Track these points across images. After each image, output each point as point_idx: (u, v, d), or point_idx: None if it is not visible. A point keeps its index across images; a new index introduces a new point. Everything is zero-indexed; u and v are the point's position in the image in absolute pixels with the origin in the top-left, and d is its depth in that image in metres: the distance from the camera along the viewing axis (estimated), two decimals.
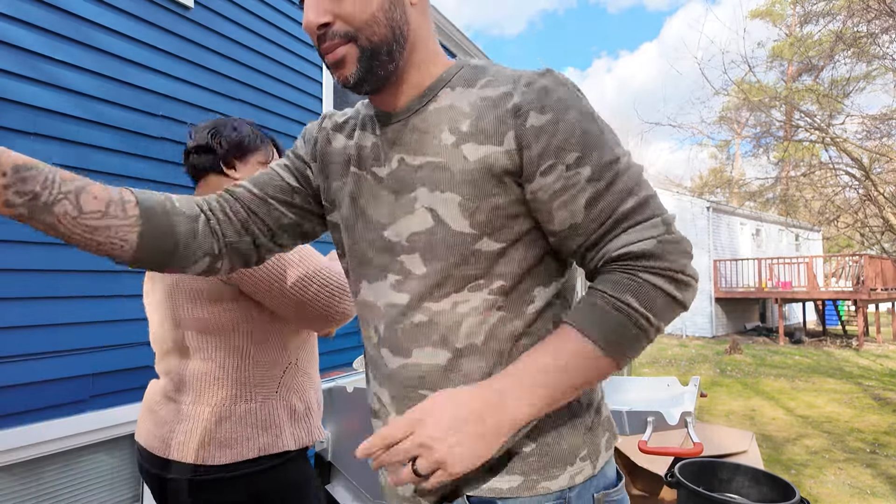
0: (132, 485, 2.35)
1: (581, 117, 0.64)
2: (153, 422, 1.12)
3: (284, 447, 1.09)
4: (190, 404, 1.08)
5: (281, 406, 1.11)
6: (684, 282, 0.64)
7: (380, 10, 0.64)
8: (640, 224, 0.64)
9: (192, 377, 1.09)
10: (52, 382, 2.03)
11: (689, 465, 2.59)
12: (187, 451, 1.05)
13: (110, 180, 2.31)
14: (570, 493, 0.67)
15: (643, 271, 0.62)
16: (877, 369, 8.45)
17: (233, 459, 1.05)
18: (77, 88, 2.15)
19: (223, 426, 1.06)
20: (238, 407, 1.07)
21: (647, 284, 0.62)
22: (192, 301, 1.08)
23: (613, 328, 0.61)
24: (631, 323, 0.62)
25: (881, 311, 15.83)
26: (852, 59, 6.94)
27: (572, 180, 0.63)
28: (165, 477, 1.08)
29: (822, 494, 3.57)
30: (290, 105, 3.27)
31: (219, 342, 1.08)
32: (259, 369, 1.10)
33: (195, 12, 2.67)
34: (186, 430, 1.06)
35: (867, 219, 7.34)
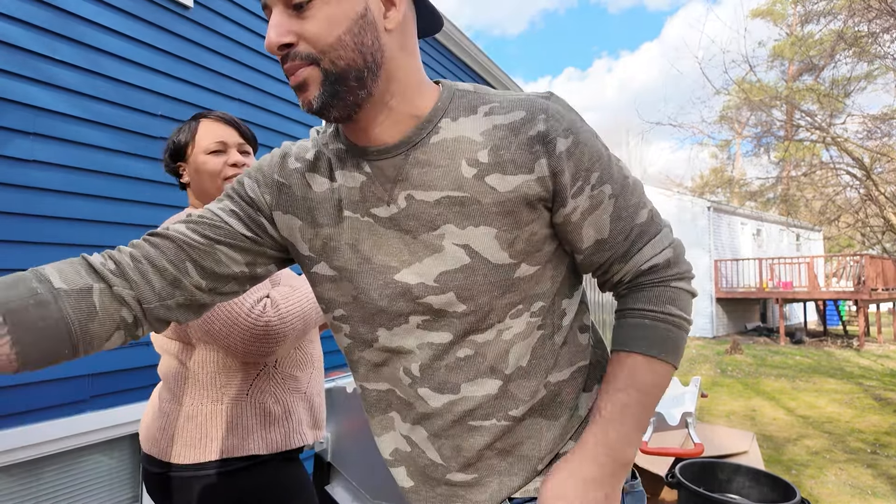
0: (132, 485, 2.35)
1: (591, 137, 0.67)
2: (145, 418, 1.18)
3: (251, 451, 1.07)
4: (167, 402, 1.11)
5: (251, 409, 1.09)
6: (692, 277, 0.73)
7: (347, 34, 0.59)
8: (657, 235, 0.71)
9: (169, 376, 1.12)
10: (52, 382, 2.02)
11: (690, 465, 2.58)
12: (161, 447, 1.08)
13: (110, 180, 2.32)
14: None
15: (673, 279, 0.71)
16: (878, 369, 8.44)
17: (196, 459, 1.04)
18: (77, 88, 2.15)
19: (189, 425, 1.07)
20: (204, 407, 1.07)
21: (679, 290, 0.71)
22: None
23: (671, 340, 0.69)
24: (678, 329, 0.70)
25: (882, 312, 15.82)
26: (853, 59, 6.93)
27: (598, 198, 0.67)
28: (149, 470, 1.11)
29: (823, 495, 3.57)
30: (290, 105, 3.27)
31: (192, 342, 1.08)
32: (226, 371, 1.08)
33: (195, 12, 2.67)
34: (161, 427, 1.10)
35: (868, 218, 7.33)
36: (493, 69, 5.85)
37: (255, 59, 3.01)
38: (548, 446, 0.72)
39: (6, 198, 1.93)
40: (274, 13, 0.60)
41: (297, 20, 0.59)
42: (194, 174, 1.16)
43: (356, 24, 0.60)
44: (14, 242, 1.94)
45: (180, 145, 1.17)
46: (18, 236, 1.95)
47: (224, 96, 2.81)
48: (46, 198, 2.04)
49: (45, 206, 2.03)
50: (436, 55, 5.01)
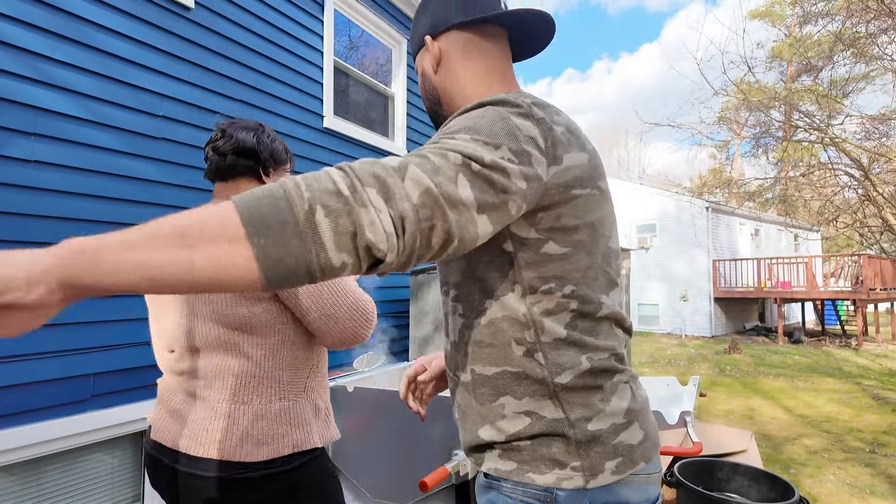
0: (133, 484, 2.36)
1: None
2: (178, 421, 1.12)
3: (314, 444, 1.13)
4: (223, 402, 1.09)
5: (308, 405, 1.15)
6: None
7: (422, 90, 0.94)
8: None
9: (226, 375, 1.10)
10: (52, 382, 2.03)
11: (689, 464, 2.59)
12: (225, 448, 1.06)
13: (111, 180, 2.32)
14: (558, 493, 0.75)
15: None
16: (876, 369, 8.46)
17: (269, 456, 1.07)
18: (77, 88, 2.16)
19: (259, 424, 1.08)
20: (273, 405, 1.10)
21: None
22: (236, 299, 1.09)
23: (259, 194, 0.56)
24: (276, 189, 0.56)
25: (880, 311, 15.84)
26: (851, 60, 6.95)
27: None
28: (197, 474, 1.07)
29: (822, 494, 3.58)
30: (290, 105, 3.27)
31: (257, 341, 1.10)
32: (290, 369, 1.13)
33: (195, 13, 2.68)
34: (222, 428, 1.07)
35: (866, 219, 7.35)
36: None
37: (255, 59, 3.02)
38: (473, 426, 0.82)
39: (6, 198, 1.93)
40: None
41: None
42: None
43: (422, 83, 0.93)
44: (14, 242, 1.95)
45: (281, 156, 1.25)
46: (18, 236, 1.96)
47: (225, 97, 2.81)
48: (47, 198, 2.05)
49: (45, 206, 2.04)
50: None
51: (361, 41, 4.17)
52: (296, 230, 0.51)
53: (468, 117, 0.69)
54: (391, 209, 0.55)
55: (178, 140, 2.55)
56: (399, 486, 2.04)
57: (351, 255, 0.54)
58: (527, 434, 0.77)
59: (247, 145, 1.20)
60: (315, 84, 3.51)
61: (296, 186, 0.53)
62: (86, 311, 2.15)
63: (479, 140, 0.65)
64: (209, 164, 1.24)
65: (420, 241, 0.58)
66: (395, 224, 0.55)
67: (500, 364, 0.78)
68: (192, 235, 0.50)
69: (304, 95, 3.39)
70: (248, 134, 1.22)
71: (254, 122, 1.27)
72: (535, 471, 0.76)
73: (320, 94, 3.55)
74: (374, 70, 4.29)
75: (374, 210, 0.54)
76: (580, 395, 0.76)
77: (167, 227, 0.51)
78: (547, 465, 0.76)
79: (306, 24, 3.45)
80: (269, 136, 1.25)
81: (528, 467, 0.77)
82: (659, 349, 11.07)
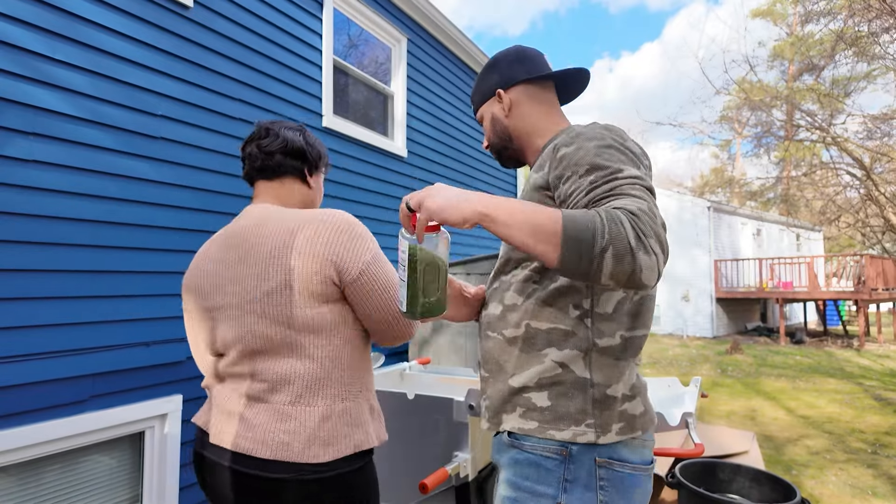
0: (132, 485, 2.35)
1: (594, 145, 0.91)
2: (239, 424, 1.11)
3: (371, 444, 1.14)
4: (288, 405, 1.08)
5: (365, 405, 1.16)
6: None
7: (491, 132, 1.19)
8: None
9: (291, 377, 1.09)
10: (52, 382, 2.02)
11: (690, 465, 2.58)
12: (293, 450, 1.05)
13: (110, 180, 2.31)
14: (572, 447, 0.93)
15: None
16: (878, 369, 8.43)
17: (333, 457, 1.07)
18: (77, 88, 2.15)
19: (325, 425, 1.08)
20: (337, 406, 1.10)
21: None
22: (304, 300, 1.08)
23: (580, 222, 0.78)
24: (591, 221, 0.78)
25: (882, 312, 15.81)
26: (853, 59, 6.93)
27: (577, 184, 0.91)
28: (260, 476, 1.07)
29: (824, 495, 3.56)
30: (289, 104, 3.27)
31: (321, 342, 1.10)
32: (350, 370, 1.14)
33: (195, 12, 2.67)
34: (289, 430, 1.07)
35: (868, 218, 7.33)
36: None
37: (254, 58, 3.01)
38: (506, 377, 1.01)
39: (6, 198, 1.93)
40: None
41: (487, 132, 1.21)
42: (316, 186, 1.32)
43: (492, 126, 1.18)
44: (14, 242, 1.94)
45: (320, 158, 1.31)
46: (18, 236, 1.95)
47: (224, 96, 2.80)
48: (46, 198, 2.04)
49: (45, 206, 2.03)
50: (438, 57, 5.01)
51: (361, 40, 4.17)
52: (589, 257, 0.75)
53: (602, 148, 0.89)
54: (662, 250, 0.77)
55: (177, 139, 2.55)
56: (399, 488, 2.04)
57: (619, 283, 0.76)
58: (556, 380, 0.95)
59: (296, 145, 1.23)
60: (314, 83, 3.50)
61: (602, 226, 0.74)
62: (85, 311, 2.15)
63: (631, 166, 0.88)
64: (252, 162, 1.24)
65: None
66: (664, 258, 0.78)
67: (555, 322, 0.97)
68: (535, 232, 0.78)
69: (303, 94, 3.38)
70: (295, 134, 1.25)
71: (295, 123, 1.30)
72: (555, 428, 0.94)
73: (319, 93, 3.54)
74: (374, 69, 4.28)
75: (654, 256, 0.75)
76: (606, 362, 0.96)
77: (529, 218, 0.78)
78: (565, 422, 0.94)
79: (305, 22, 3.44)
80: (312, 137, 1.29)
81: (549, 425, 0.94)
82: (660, 350, 11.06)
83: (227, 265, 1.16)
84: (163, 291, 2.44)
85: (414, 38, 4.65)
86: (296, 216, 1.13)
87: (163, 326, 2.43)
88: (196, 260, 1.26)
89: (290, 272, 1.07)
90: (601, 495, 0.92)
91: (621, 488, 0.93)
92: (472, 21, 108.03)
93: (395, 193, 4.26)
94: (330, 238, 1.09)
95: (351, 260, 1.09)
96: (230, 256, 1.16)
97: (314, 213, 1.13)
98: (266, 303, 1.09)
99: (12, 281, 1.93)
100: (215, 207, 2.72)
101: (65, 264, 2.09)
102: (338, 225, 1.11)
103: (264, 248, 1.11)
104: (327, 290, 1.09)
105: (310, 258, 1.07)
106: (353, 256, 1.10)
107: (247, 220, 1.18)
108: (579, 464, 0.92)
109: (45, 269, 2.03)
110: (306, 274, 1.07)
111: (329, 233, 1.10)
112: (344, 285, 1.10)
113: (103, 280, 2.21)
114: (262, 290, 1.09)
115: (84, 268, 2.15)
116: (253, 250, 1.12)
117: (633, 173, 0.84)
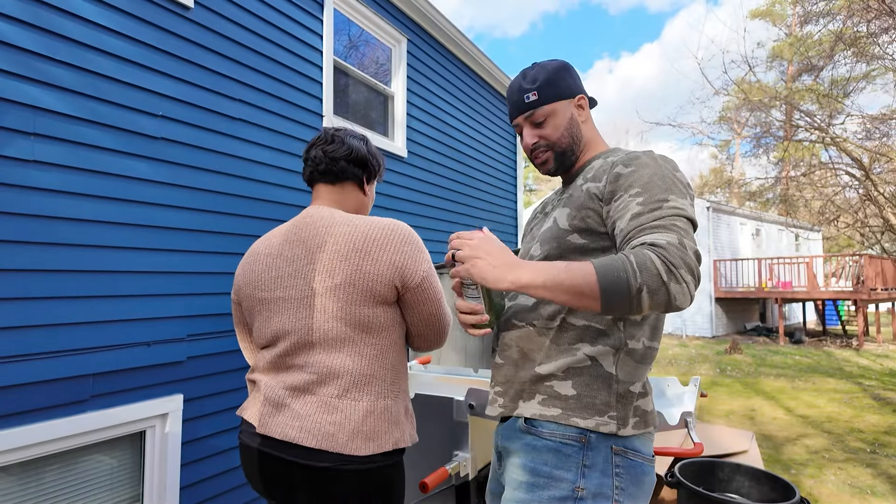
0: (132, 485, 2.35)
1: (652, 171, 0.99)
2: (287, 414, 1.16)
3: (406, 442, 1.21)
4: (335, 398, 1.15)
5: (402, 406, 1.24)
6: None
7: (566, 131, 1.15)
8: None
9: (341, 372, 1.16)
10: (52, 382, 2.03)
11: (690, 465, 2.59)
12: (338, 441, 1.12)
13: (110, 180, 2.32)
14: (591, 435, 1.00)
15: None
16: (877, 369, 8.44)
17: (375, 451, 1.14)
18: (77, 89, 2.15)
19: (369, 420, 1.15)
20: (380, 403, 1.18)
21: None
22: (363, 298, 1.16)
23: (611, 272, 0.86)
24: (622, 268, 0.86)
25: (881, 311, 15.82)
26: (852, 59, 6.94)
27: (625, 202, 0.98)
28: (305, 464, 1.13)
29: (823, 494, 3.57)
30: (290, 104, 3.27)
31: (372, 340, 1.18)
32: (393, 370, 1.22)
33: (195, 12, 2.67)
34: (335, 422, 1.13)
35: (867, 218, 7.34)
36: (494, 71, 5.86)
37: (255, 59, 3.01)
38: (532, 365, 1.07)
39: (6, 198, 1.93)
40: (525, 130, 1.18)
41: (538, 129, 1.16)
42: (370, 194, 1.42)
43: (567, 123, 1.16)
44: (14, 242, 1.94)
45: (380, 168, 1.42)
46: (18, 236, 1.95)
47: (224, 96, 2.81)
48: (46, 198, 2.04)
49: (45, 206, 2.04)
50: (438, 58, 5.01)
51: (361, 40, 4.17)
52: (628, 299, 0.83)
53: (657, 176, 0.97)
54: (693, 278, 0.84)
55: (177, 140, 2.55)
56: None
57: (659, 310, 0.85)
58: (584, 372, 1.02)
59: (360, 154, 1.33)
60: (314, 83, 3.51)
61: (634, 271, 0.83)
62: (85, 311, 2.15)
63: (679, 197, 0.95)
64: (315, 165, 1.32)
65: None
66: (696, 284, 0.85)
67: (590, 321, 1.03)
68: (575, 294, 0.87)
69: (303, 95, 3.39)
70: (359, 143, 1.35)
71: (358, 132, 1.39)
72: (579, 416, 1.00)
73: (320, 94, 3.55)
74: (374, 69, 4.29)
75: (685, 284, 0.83)
76: (631, 362, 1.03)
77: (567, 282, 0.87)
78: (589, 412, 1.00)
79: (306, 23, 3.44)
80: (374, 148, 1.40)
81: (573, 413, 1.01)
82: (660, 349, 11.05)
83: (289, 260, 1.23)
84: (163, 291, 2.44)
85: (414, 39, 4.66)
86: (365, 221, 1.22)
87: (164, 326, 2.43)
88: (253, 254, 1.32)
89: (356, 272, 1.16)
90: (616, 481, 0.98)
91: (634, 476, 1.00)
92: (473, 22, 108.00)
93: (395, 194, 4.27)
94: (398, 246, 1.19)
95: (414, 268, 1.19)
96: (295, 252, 1.23)
97: (382, 221, 1.23)
98: (328, 297, 1.16)
99: (12, 281, 1.93)
100: (215, 208, 2.72)
101: (65, 264, 2.09)
102: (406, 235, 1.22)
103: (334, 247, 1.18)
104: (388, 293, 1.18)
105: (378, 262, 1.16)
106: (416, 265, 1.20)
107: (313, 220, 1.25)
108: (597, 451, 0.99)
109: (46, 269, 2.03)
110: (372, 275, 1.16)
111: (398, 241, 1.20)
112: (405, 290, 1.20)
113: (103, 280, 2.22)
114: (325, 286, 1.17)
115: (84, 268, 2.15)
116: (321, 249, 1.20)
117: (678, 204, 0.93)
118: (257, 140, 2.99)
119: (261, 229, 2.96)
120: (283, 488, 1.18)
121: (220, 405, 2.71)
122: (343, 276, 1.16)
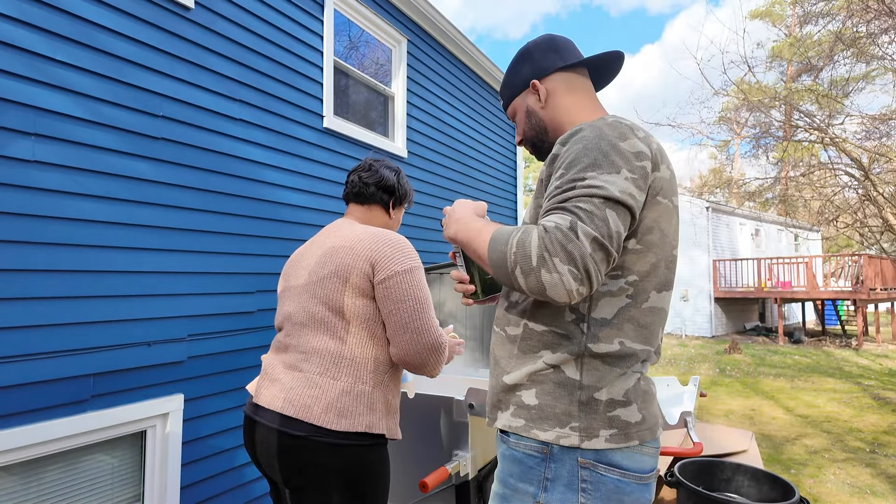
0: (133, 484, 2.36)
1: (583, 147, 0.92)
2: (278, 387, 1.33)
3: (381, 430, 1.31)
4: (317, 375, 1.30)
5: (381, 397, 1.33)
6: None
7: (527, 124, 1.15)
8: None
9: (323, 352, 1.31)
10: (52, 382, 2.03)
11: (689, 464, 2.59)
12: (313, 413, 1.25)
13: (110, 180, 2.32)
14: (553, 448, 0.92)
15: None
16: (876, 369, 8.45)
17: (346, 428, 1.25)
18: (77, 88, 2.16)
19: (343, 399, 1.27)
20: (356, 387, 1.30)
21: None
22: (346, 290, 1.32)
23: (497, 245, 0.89)
24: (506, 243, 0.87)
25: (880, 311, 15.83)
26: (852, 60, 6.94)
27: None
28: (288, 432, 1.26)
29: (822, 494, 3.57)
30: (290, 105, 3.27)
31: (353, 329, 1.32)
32: (375, 362, 1.33)
33: (196, 13, 2.68)
34: (313, 396, 1.27)
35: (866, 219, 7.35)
36: (494, 72, 5.86)
37: (255, 59, 3.02)
38: (502, 373, 1.02)
39: (6, 198, 1.93)
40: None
41: (520, 128, 1.18)
42: (395, 217, 1.62)
43: (527, 118, 1.15)
44: (14, 242, 1.95)
45: (405, 196, 1.62)
46: (18, 236, 1.96)
47: (224, 97, 2.81)
48: (47, 198, 2.05)
49: (45, 207, 2.04)
50: (438, 58, 5.02)
51: (361, 41, 4.17)
52: (507, 276, 0.85)
53: (584, 151, 0.89)
54: (573, 268, 0.79)
55: (178, 140, 2.55)
56: (399, 486, 2.04)
57: (540, 296, 0.82)
58: (545, 379, 0.95)
59: (389, 183, 1.56)
60: (315, 84, 3.51)
61: (511, 249, 0.84)
62: (85, 311, 2.15)
63: (604, 173, 0.86)
64: (352, 188, 1.57)
65: (599, 274, 0.81)
66: (580, 276, 0.79)
67: (550, 324, 0.96)
68: (478, 256, 0.95)
69: (303, 95, 3.39)
70: (390, 174, 1.57)
71: (394, 164, 1.61)
72: (539, 427, 0.93)
73: (320, 94, 3.55)
74: (374, 70, 4.29)
75: (557, 274, 0.79)
76: (600, 367, 0.93)
77: (475, 243, 0.96)
78: (549, 423, 0.93)
79: (306, 24, 3.45)
80: (404, 179, 1.61)
81: (534, 424, 0.94)
82: None
83: (305, 256, 1.47)
84: (164, 291, 2.45)
85: (414, 40, 4.66)
86: (364, 228, 1.41)
87: (164, 326, 2.44)
88: (293, 253, 1.57)
89: (340, 264, 1.34)
90: (583, 497, 0.90)
91: (607, 493, 0.90)
92: (474, 23, 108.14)
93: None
94: (379, 245, 1.34)
95: (386, 264, 1.32)
96: (311, 250, 1.46)
97: (378, 229, 1.41)
98: (319, 286, 1.35)
99: (12, 281, 1.94)
100: (216, 208, 2.72)
101: (65, 264, 2.09)
102: (388, 237, 1.37)
103: (332, 245, 1.39)
104: (363, 284, 1.32)
105: (357, 256, 1.33)
106: (389, 262, 1.32)
107: (333, 227, 1.49)
108: (560, 463, 0.91)
109: (46, 269, 2.03)
110: (350, 266, 1.32)
111: (381, 242, 1.35)
112: (377, 284, 1.31)
113: (104, 280, 2.22)
114: (318, 276, 1.36)
115: (84, 268, 2.15)
116: (323, 245, 1.42)
117: (595, 182, 0.85)
118: (258, 140, 2.99)
119: (261, 230, 2.97)
120: (267, 456, 1.31)
121: (221, 405, 2.71)
122: (331, 268, 1.35)
